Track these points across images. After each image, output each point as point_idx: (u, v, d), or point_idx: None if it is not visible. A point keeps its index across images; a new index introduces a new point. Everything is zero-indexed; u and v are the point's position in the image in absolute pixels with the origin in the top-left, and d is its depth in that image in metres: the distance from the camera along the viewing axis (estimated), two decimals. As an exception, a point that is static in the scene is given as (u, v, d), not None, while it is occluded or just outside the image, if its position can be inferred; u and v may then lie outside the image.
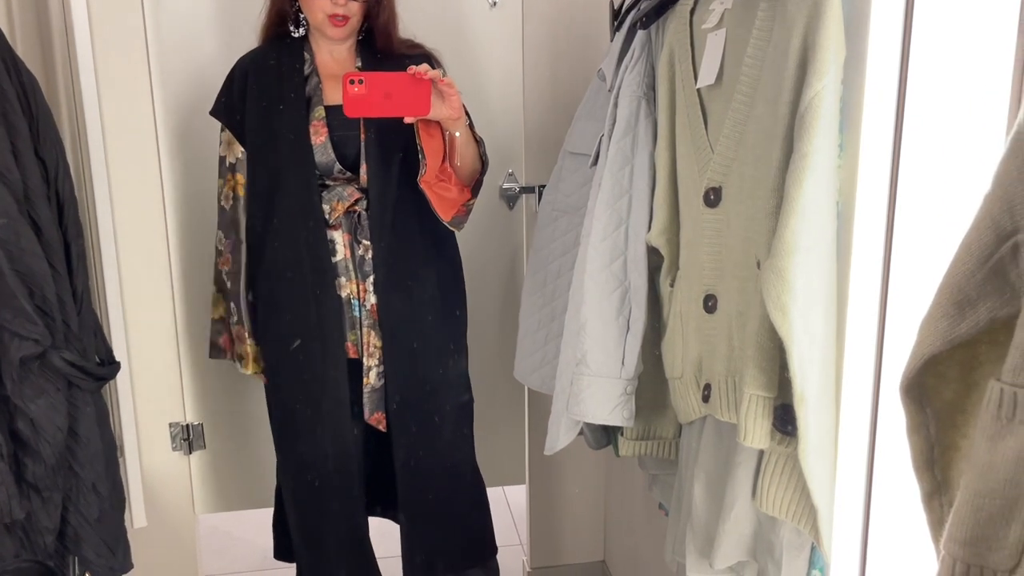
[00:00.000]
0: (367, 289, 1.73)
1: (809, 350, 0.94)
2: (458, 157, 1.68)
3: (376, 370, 1.76)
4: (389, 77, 1.57)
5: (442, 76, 1.58)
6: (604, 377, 1.33)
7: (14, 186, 1.25)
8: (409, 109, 1.57)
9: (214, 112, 1.76)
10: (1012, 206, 0.60)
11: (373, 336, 1.74)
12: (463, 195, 1.74)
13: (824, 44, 0.90)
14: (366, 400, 1.78)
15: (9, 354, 1.26)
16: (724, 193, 1.12)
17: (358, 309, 1.74)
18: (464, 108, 1.66)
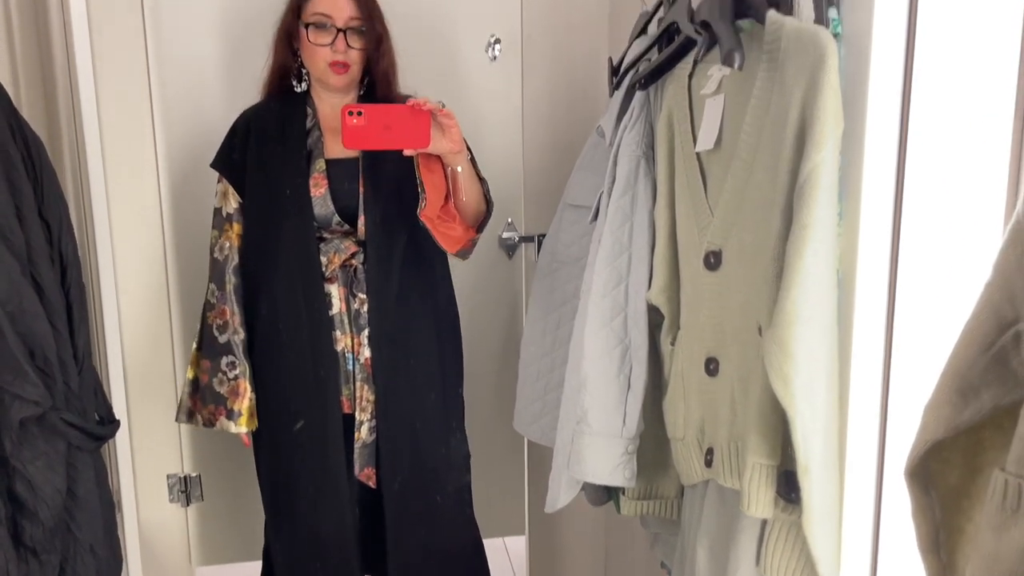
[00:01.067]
0: (361, 343, 1.72)
1: (812, 421, 0.93)
2: (462, 193, 1.67)
3: (368, 425, 1.74)
4: (388, 109, 1.57)
5: (441, 107, 1.57)
6: (605, 436, 1.33)
7: (17, 248, 1.25)
8: (409, 141, 1.56)
9: (215, 164, 1.77)
10: (1013, 295, 0.61)
11: (366, 390, 1.73)
12: (468, 233, 1.73)
13: (822, 116, 0.92)
14: (357, 455, 1.76)
15: (9, 416, 1.25)
16: (724, 257, 1.12)
17: (352, 363, 1.73)
18: (465, 143, 1.66)
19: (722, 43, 1.04)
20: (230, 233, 1.76)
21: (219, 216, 1.77)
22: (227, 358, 1.74)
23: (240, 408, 1.75)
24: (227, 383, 1.75)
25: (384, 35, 1.71)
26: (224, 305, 1.75)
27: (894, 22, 0.93)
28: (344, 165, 1.72)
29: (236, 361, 1.74)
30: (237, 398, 1.74)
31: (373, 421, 1.75)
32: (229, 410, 1.75)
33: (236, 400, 1.74)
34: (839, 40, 0.97)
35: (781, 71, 1.00)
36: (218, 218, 1.77)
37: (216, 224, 1.78)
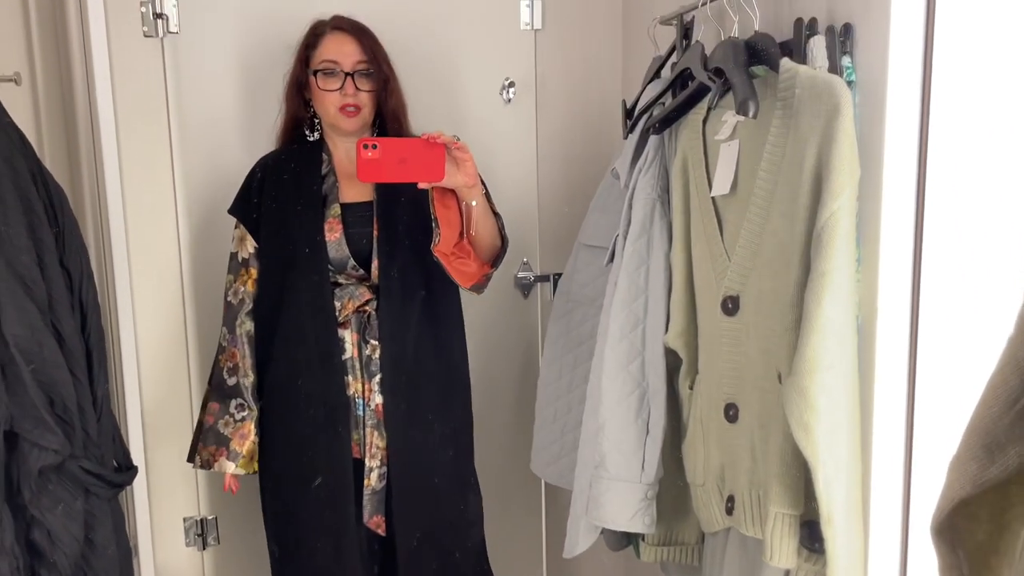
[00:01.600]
0: (372, 389, 1.72)
1: (835, 470, 0.92)
2: (475, 227, 1.67)
3: (378, 471, 1.73)
4: (403, 142, 1.58)
5: (456, 140, 1.57)
6: (624, 481, 1.32)
7: (39, 297, 1.26)
8: (423, 174, 1.56)
9: (232, 210, 1.78)
10: (1038, 351, 0.60)
11: (376, 436, 1.72)
12: (482, 269, 1.73)
13: (839, 165, 0.92)
14: (366, 502, 1.73)
15: (28, 464, 1.26)
16: (742, 302, 1.12)
17: (362, 408, 1.72)
18: (480, 177, 1.67)
19: (736, 91, 1.04)
20: (245, 278, 1.77)
21: (235, 261, 1.78)
22: (236, 400, 1.75)
23: (241, 450, 1.74)
24: (233, 425, 1.75)
25: (391, 75, 1.73)
26: (235, 348, 1.76)
27: (909, 67, 0.93)
28: (359, 209, 1.73)
29: (244, 403, 1.74)
30: (240, 440, 1.74)
31: (383, 468, 1.73)
32: (230, 451, 1.74)
33: (239, 442, 1.74)
34: (853, 87, 0.98)
35: (796, 118, 1.00)
36: (234, 263, 1.79)
37: (232, 269, 1.79)
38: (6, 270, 1.22)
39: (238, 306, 1.77)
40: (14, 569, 1.23)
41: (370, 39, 1.70)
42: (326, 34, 1.70)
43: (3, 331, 1.21)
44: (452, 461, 1.79)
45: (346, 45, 1.68)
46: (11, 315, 1.22)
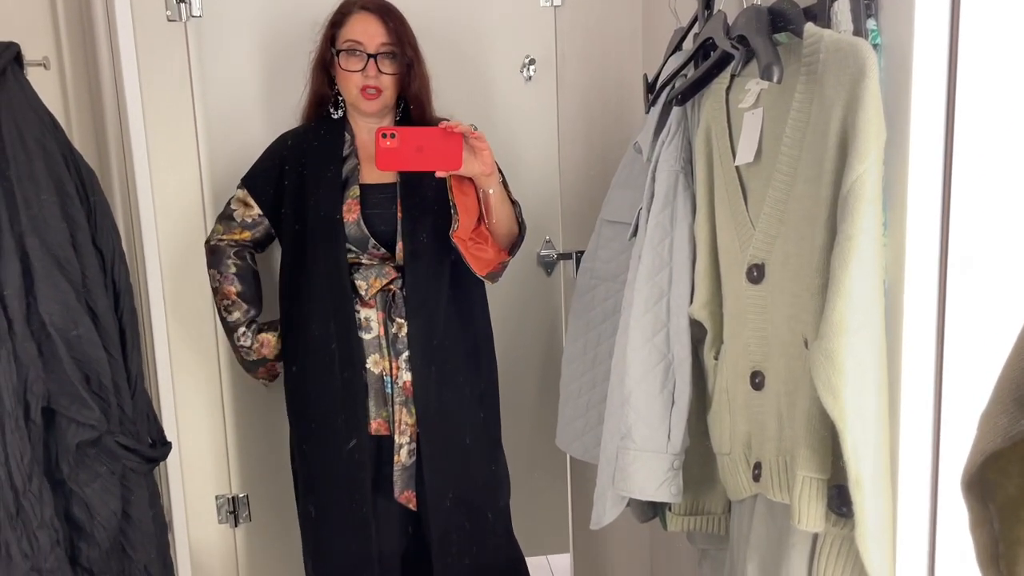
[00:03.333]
0: (399, 366, 1.74)
1: (863, 432, 0.93)
2: (493, 215, 1.70)
3: (407, 448, 1.75)
4: (421, 131, 1.60)
5: (473, 129, 1.60)
6: (650, 452, 1.32)
7: (73, 276, 1.29)
8: (441, 163, 1.59)
9: (244, 182, 1.80)
10: (1068, 302, 0.60)
11: (405, 413, 1.74)
12: (500, 256, 1.75)
13: (864, 127, 0.91)
14: (396, 478, 1.77)
15: (66, 440, 1.29)
16: (767, 270, 1.12)
17: (390, 386, 1.75)
18: (497, 165, 1.68)
19: (760, 57, 1.04)
20: (236, 235, 1.80)
21: (231, 219, 1.81)
22: (237, 332, 1.82)
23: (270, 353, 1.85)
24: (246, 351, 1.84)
25: (415, 59, 1.73)
26: (228, 286, 1.81)
27: (935, 30, 0.92)
28: (381, 190, 1.75)
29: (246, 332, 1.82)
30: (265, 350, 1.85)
31: (412, 444, 1.76)
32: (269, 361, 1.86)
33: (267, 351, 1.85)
34: (879, 51, 0.97)
35: (821, 83, 1.00)
36: (230, 220, 1.81)
37: (222, 221, 1.82)
38: (41, 249, 1.24)
39: (225, 248, 1.81)
40: (54, 541, 1.26)
41: (396, 21, 1.70)
42: (352, 13, 1.71)
43: (39, 309, 1.24)
44: (482, 422, 1.82)
45: (371, 26, 1.69)
46: (47, 293, 1.25)
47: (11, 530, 1.22)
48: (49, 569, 1.25)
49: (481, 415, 1.83)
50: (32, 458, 1.24)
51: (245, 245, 1.82)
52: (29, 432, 1.24)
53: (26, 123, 1.27)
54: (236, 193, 1.81)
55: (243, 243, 1.82)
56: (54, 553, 1.25)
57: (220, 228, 1.83)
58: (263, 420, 2.07)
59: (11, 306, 1.22)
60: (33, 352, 1.24)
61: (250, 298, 1.84)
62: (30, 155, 1.25)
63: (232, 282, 1.81)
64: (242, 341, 1.82)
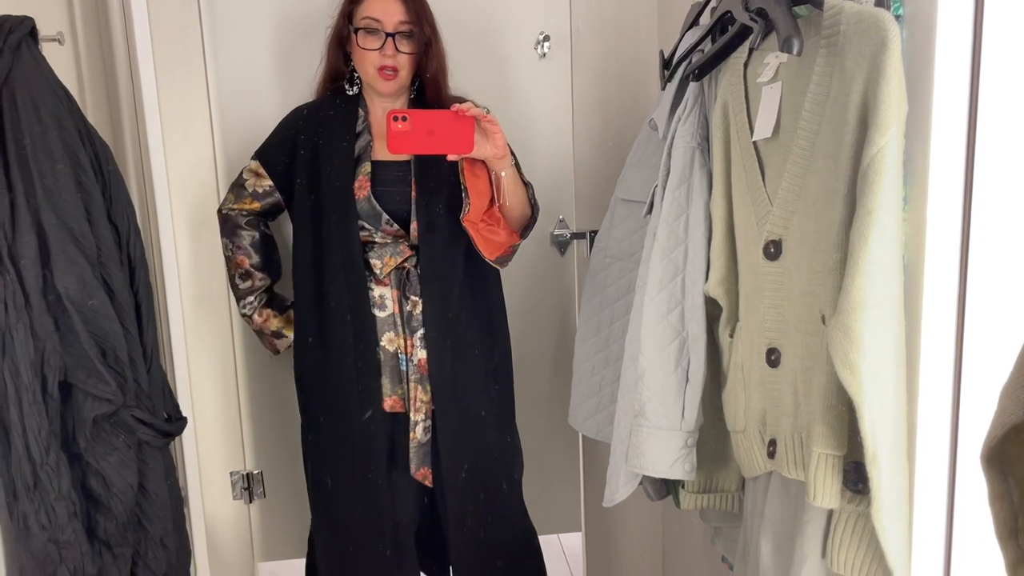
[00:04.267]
0: (414, 344, 1.74)
1: (880, 409, 0.92)
2: (505, 197, 1.69)
3: (423, 425, 1.76)
4: (432, 114, 1.59)
5: (485, 113, 1.59)
6: (664, 429, 1.32)
7: (89, 251, 1.29)
8: (452, 146, 1.59)
9: (258, 155, 1.80)
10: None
11: (420, 391, 1.75)
12: (511, 238, 1.75)
13: (886, 100, 0.90)
14: (412, 455, 1.78)
15: (83, 413, 1.30)
16: (785, 246, 1.11)
17: (405, 363, 1.75)
18: (510, 148, 1.67)
19: (779, 29, 1.03)
20: (246, 204, 1.81)
21: (242, 188, 1.81)
22: (245, 300, 1.84)
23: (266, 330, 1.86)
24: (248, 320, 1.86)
25: (433, 39, 1.72)
26: (241, 255, 1.82)
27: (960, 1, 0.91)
28: (395, 168, 1.74)
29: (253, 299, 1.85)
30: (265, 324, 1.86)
31: (428, 421, 1.76)
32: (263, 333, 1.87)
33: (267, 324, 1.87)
34: (901, 22, 0.96)
35: (841, 56, 0.98)
36: (240, 189, 1.82)
37: (233, 189, 1.83)
38: (57, 224, 1.25)
39: (236, 217, 1.82)
40: (71, 513, 1.27)
41: (416, 0, 1.69)
42: None
43: (55, 283, 1.25)
44: (496, 399, 1.83)
45: (391, 4, 1.67)
46: (63, 267, 1.25)
47: (29, 502, 1.23)
48: (66, 540, 1.26)
49: (496, 391, 1.84)
50: (49, 431, 1.25)
51: (255, 214, 1.83)
52: (46, 405, 1.25)
53: (41, 97, 1.27)
54: (249, 164, 1.82)
55: (252, 212, 1.83)
56: (71, 525, 1.27)
57: (231, 197, 1.84)
58: (277, 397, 2.08)
59: (28, 280, 1.22)
60: (50, 326, 1.25)
61: (264, 267, 1.85)
62: (45, 129, 1.25)
63: (246, 252, 1.82)
64: (246, 310, 1.84)
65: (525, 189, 1.75)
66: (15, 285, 1.21)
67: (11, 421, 1.22)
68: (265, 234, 1.86)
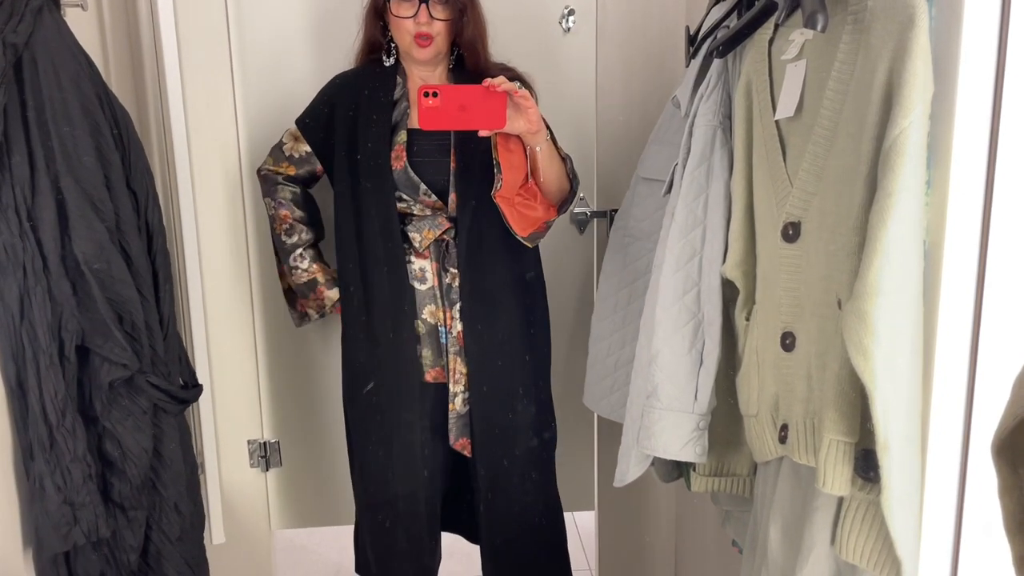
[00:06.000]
0: (453, 316, 1.75)
1: (893, 396, 0.90)
2: (541, 173, 1.67)
3: (462, 396, 1.78)
4: (464, 90, 1.57)
5: (517, 88, 1.57)
6: (676, 411, 1.31)
7: (107, 217, 1.30)
8: (485, 122, 1.56)
9: (299, 121, 1.81)
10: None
11: (459, 363, 1.76)
12: (548, 214, 1.73)
13: (911, 80, 0.87)
14: (451, 425, 1.81)
15: (99, 378, 1.31)
16: (803, 229, 1.09)
17: (444, 336, 1.76)
18: (545, 122, 1.65)
19: (804, 5, 1.00)
20: (284, 168, 1.81)
21: (280, 151, 1.82)
22: (295, 252, 1.83)
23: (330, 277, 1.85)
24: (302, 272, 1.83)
25: (469, 4, 1.69)
26: (285, 211, 1.82)
27: (991, -21, 0.88)
28: (433, 137, 1.72)
29: (303, 253, 1.83)
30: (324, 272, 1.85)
31: (467, 393, 1.78)
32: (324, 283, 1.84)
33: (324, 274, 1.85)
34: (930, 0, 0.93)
35: (867, 34, 0.96)
36: (278, 152, 1.82)
37: (273, 152, 1.83)
38: (75, 189, 1.26)
39: (275, 177, 1.82)
40: (86, 476, 1.29)
41: None
42: None
43: (73, 248, 1.26)
44: (532, 387, 1.83)
45: None
46: (81, 233, 1.26)
47: (45, 463, 1.25)
48: (81, 502, 1.28)
49: (532, 365, 1.84)
50: (66, 394, 1.26)
51: (292, 178, 1.83)
52: (63, 369, 1.26)
53: (62, 63, 1.27)
54: (289, 128, 1.82)
55: (289, 178, 1.83)
56: (86, 487, 1.29)
57: (270, 159, 1.84)
58: (296, 366, 2.09)
59: (46, 244, 1.23)
60: (67, 290, 1.26)
61: (308, 221, 1.85)
62: (65, 95, 1.26)
63: (288, 207, 1.82)
64: (297, 262, 1.81)
65: (563, 163, 1.72)
66: (34, 249, 1.23)
67: (28, 384, 1.24)
68: (306, 192, 1.86)
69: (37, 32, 1.24)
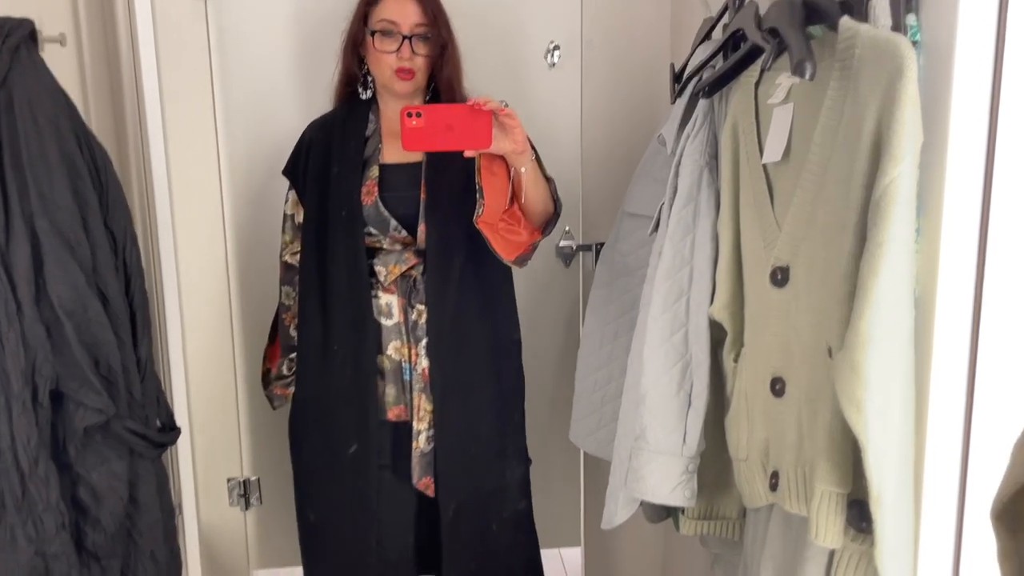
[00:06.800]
0: (419, 353, 1.72)
1: (886, 448, 0.89)
2: (525, 194, 1.65)
3: (426, 434, 1.74)
4: (448, 109, 1.55)
5: (503, 107, 1.54)
6: (664, 454, 1.29)
7: (83, 258, 1.27)
8: (470, 142, 1.53)
9: (285, 171, 1.80)
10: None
11: (424, 400, 1.73)
12: (532, 236, 1.70)
13: (900, 129, 0.87)
14: (414, 464, 1.75)
15: (74, 424, 1.28)
16: (792, 274, 1.08)
17: (409, 373, 1.73)
18: (530, 141, 1.63)
19: (792, 51, 1.00)
20: (298, 244, 1.79)
21: (291, 223, 1.81)
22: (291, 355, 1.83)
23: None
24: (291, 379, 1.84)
25: (449, 41, 1.70)
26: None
27: (981, 28, 0.88)
28: (405, 171, 1.71)
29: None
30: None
31: (431, 431, 1.74)
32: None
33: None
34: (918, 48, 0.93)
35: (855, 81, 0.95)
36: (290, 223, 1.81)
37: (287, 230, 1.81)
38: (51, 231, 1.23)
39: (296, 266, 1.79)
40: (59, 525, 1.26)
41: (432, 2, 1.67)
42: None
43: (48, 291, 1.23)
44: (498, 430, 1.80)
45: (407, 6, 1.65)
46: (56, 275, 1.23)
47: (16, 513, 1.21)
48: (54, 553, 1.24)
49: (503, 402, 1.81)
50: (39, 441, 1.23)
51: None
52: (36, 415, 1.23)
53: (39, 103, 1.25)
54: (288, 196, 1.81)
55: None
56: (59, 537, 1.25)
57: (287, 238, 1.81)
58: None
59: (20, 288, 1.20)
60: (42, 334, 1.23)
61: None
62: (42, 136, 1.23)
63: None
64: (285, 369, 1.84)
65: (547, 185, 1.71)
66: (7, 292, 1.19)
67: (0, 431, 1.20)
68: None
69: (14, 71, 1.22)
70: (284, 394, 1.87)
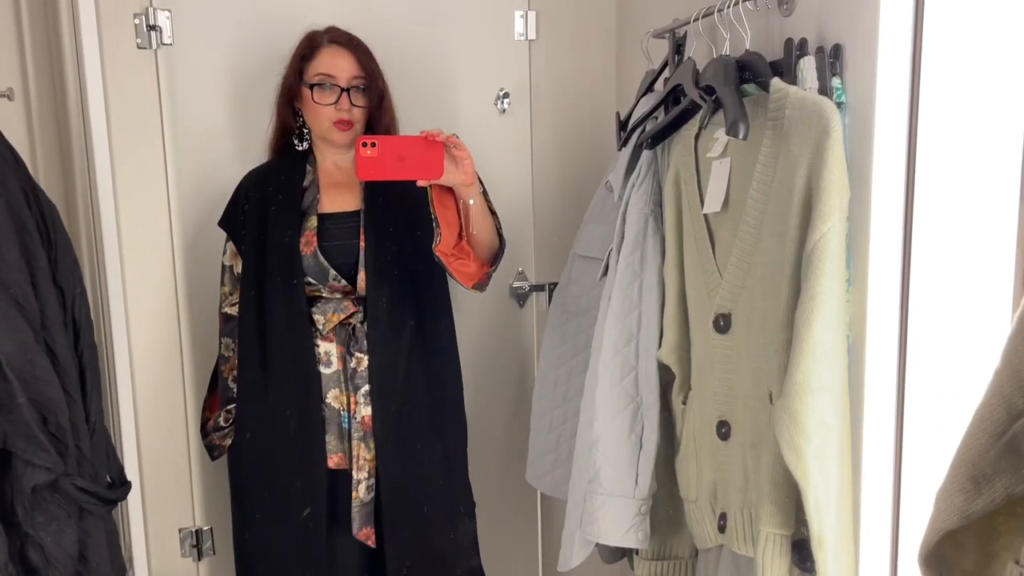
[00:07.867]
0: (357, 401, 1.71)
1: (825, 492, 0.92)
2: (474, 226, 1.66)
3: (366, 483, 1.72)
4: (402, 140, 1.57)
5: (455, 137, 1.57)
6: (617, 496, 1.32)
7: (31, 315, 1.26)
8: (422, 172, 1.56)
9: (221, 222, 1.79)
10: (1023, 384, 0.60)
11: (363, 448, 1.72)
12: (482, 269, 1.72)
13: (828, 188, 0.92)
14: (355, 514, 1.73)
15: (21, 483, 1.26)
16: (734, 320, 1.12)
17: (347, 421, 1.72)
18: (477, 175, 1.66)
19: (727, 112, 1.05)
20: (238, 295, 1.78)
21: (230, 274, 1.79)
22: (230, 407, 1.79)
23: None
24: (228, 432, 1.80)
25: (385, 91, 1.72)
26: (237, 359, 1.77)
27: (897, 90, 0.93)
28: (343, 219, 1.72)
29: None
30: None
31: (371, 480, 1.73)
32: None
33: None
34: (843, 108, 0.98)
35: (786, 139, 1.00)
36: (229, 275, 1.79)
37: (226, 281, 1.80)
38: (-2, 289, 1.22)
39: (236, 318, 1.77)
40: (7, 587, 1.23)
41: (366, 54, 1.70)
42: (322, 47, 1.69)
43: (-5, 350, 1.21)
44: (443, 487, 1.79)
45: (342, 60, 1.68)
46: (3, 333, 1.22)
47: (-39, 577, 1.19)
48: (1, 616, 1.21)
49: (445, 448, 1.80)
50: (-15, 502, 1.21)
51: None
52: (-17, 475, 1.21)
53: (-14, 159, 1.24)
54: (227, 248, 1.79)
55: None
56: (6, 600, 1.22)
57: (225, 290, 1.80)
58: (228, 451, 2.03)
59: (-34, 347, 1.19)
60: (-12, 393, 1.21)
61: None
62: (-11, 192, 1.23)
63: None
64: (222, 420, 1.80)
65: (493, 219, 1.74)
66: (-47, 352, 1.18)
67: (-55, 493, 1.18)
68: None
69: (-40, 130, 1.22)
70: (222, 445, 1.83)
